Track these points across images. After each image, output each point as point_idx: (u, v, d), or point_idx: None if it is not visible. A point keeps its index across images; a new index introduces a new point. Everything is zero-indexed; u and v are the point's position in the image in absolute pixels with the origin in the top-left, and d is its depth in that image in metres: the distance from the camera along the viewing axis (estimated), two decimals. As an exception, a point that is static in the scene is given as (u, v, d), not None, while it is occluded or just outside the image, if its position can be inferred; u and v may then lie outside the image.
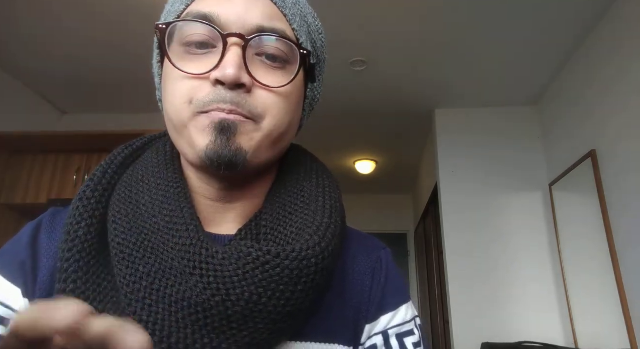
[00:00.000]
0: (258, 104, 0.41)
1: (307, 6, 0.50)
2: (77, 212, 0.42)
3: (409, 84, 2.88)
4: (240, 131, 0.40)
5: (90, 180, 0.46)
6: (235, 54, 0.39)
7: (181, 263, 0.38)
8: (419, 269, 4.90)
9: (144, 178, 0.45)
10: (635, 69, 1.90)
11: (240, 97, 0.40)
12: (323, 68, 0.53)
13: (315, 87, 0.52)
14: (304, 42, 0.45)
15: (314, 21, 0.50)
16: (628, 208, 1.92)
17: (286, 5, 0.45)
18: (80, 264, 0.39)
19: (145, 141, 0.53)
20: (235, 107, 0.39)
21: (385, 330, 0.48)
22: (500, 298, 2.67)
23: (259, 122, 0.41)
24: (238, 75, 0.39)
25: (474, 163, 2.98)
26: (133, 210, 0.42)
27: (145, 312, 0.37)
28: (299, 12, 0.46)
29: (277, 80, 0.41)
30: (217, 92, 0.39)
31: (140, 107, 3.19)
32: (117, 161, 0.48)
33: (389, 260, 0.53)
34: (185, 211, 0.42)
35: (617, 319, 1.94)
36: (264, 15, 0.42)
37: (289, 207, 0.45)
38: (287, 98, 0.43)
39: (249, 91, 0.40)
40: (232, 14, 0.41)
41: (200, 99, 0.40)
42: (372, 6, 2.14)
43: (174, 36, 0.42)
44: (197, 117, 0.40)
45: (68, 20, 2.27)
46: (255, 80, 0.40)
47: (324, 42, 0.52)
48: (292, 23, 0.44)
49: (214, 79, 0.39)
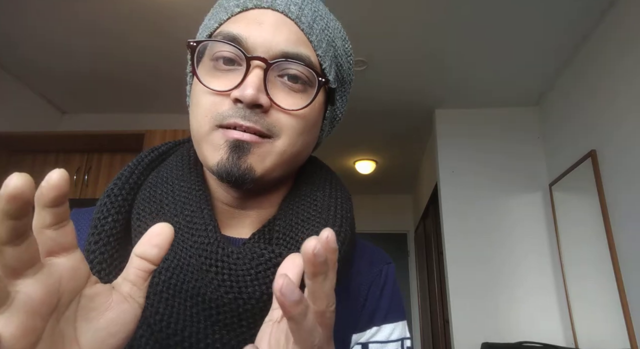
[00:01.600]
0: (275, 124, 0.43)
1: (337, 29, 0.51)
2: (105, 207, 0.45)
3: (409, 84, 2.88)
4: (253, 152, 0.42)
5: (118, 179, 0.48)
6: (256, 76, 0.41)
7: (198, 260, 0.40)
8: (419, 270, 4.90)
9: (168, 180, 0.48)
10: (636, 69, 1.90)
11: (257, 116, 0.42)
12: (348, 89, 0.55)
13: (338, 107, 0.54)
14: (327, 67, 0.47)
15: (343, 44, 0.52)
16: (628, 208, 1.92)
17: (313, 32, 0.46)
18: (105, 256, 0.42)
19: (171, 145, 0.56)
20: (253, 124, 0.41)
21: (367, 343, 0.49)
22: (500, 298, 2.67)
23: (275, 140, 0.43)
24: (256, 96, 0.41)
25: (474, 163, 2.98)
26: (157, 209, 0.45)
27: (162, 305, 0.40)
28: (325, 38, 0.48)
29: (295, 102, 0.43)
30: (235, 109, 0.42)
31: (140, 107, 3.20)
32: (143, 162, 0.51)
33: (390, 275, 0.54)
34: (205, 212, 0.44)
35: (617, 319, 1.94)
36: (289, 41, 0.44)
37: (302, 215, 0.47)
38: (302, 119, 0.44)
39: (266, 111, 0.42)
40: (259, 38, 0.43)
41: (220, 113, 0.42)
42: (372, 6, 2.14)
43: (206, 50, 0.46)
44: (215, 132, 0.43)
45: (68, 20, 2.27)
46: (273, 102, 0.42)
47: (351, 64, 0.54)
48: (317, 49, 0.46)
49: (234, 97, 0.42)
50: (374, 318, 0.50)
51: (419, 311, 4.91)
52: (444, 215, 2.92)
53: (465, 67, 2.66)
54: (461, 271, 2.77)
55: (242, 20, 0.44)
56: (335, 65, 0.50)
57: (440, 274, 3.35)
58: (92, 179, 2.70)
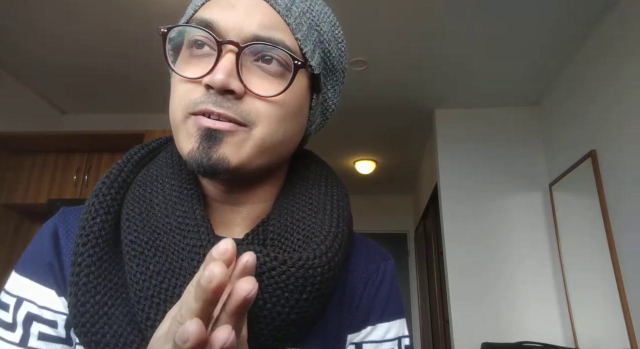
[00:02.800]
0: (251, 111, 0.41)
1: (323, 13, 0.49)
2: (93, 208, 0.43)
3: (409, 84, 2.88)
4: (226, 140, 0.40)
5: (107, 177, 0.46)
6: (228, 60, 0.39)
7: (190, 264, 0.39)
8: (419, 269, 4.90)
9: (158, 178, 0.47)
10: (635, 69, 1.90)
11: (230, 103, 0.40)
12: (340, 78, 0.52)
13: (330, 97, 0.52)
14: (309, 51, 0.45)
15: (332, 29, 0.49)
16: (628, 208, 1.92)
17: (291, 14, 0.44)
18: (94, 259, 0.40)
19: (161, 142, 0.54)
20: (225, 111, 0.39)
21: (361, 343, 0.48)
22: (500, 298, 2.67)
23: (252, 128, 0.41)
24: (226, 81, 0.39)
25: (474, 163, 2.98)
26: (147, 209, 0.44)
27: (154, 310, 0.38)
28: (307, 21, 0.45)
29: (272, 88, 0.41)
30: (207, 95, 0.40)
31: (140, 107, 3.20)
32: (133, 160, 0.50)
33: (388, 272, 0.52)
34: (197, 213, 0.43)
35: (617, 319, 1.94)
36: (263, 24, 0.42)
37: (297, 215, 0.45)
38: (281, 106, 0.42)
39: (240, 98, 0.40)
40: (230, 21, 0.41)
41: (192, 100, 0.41)
42: (372, 6, 2.14)
43: (184, 39, 0.44)
44: (187, 120, 0.41)
45: (68, 20, 2.27)
46: (246, 88, 0.40)
47: (343, 51, 0.51)
48: (296, 32, 0.44)
49: (204, 83, 0.40)
50: (369, 317, 0.48)
51: (419, 311, 4.91)
52: (444, 215, 2.92)
53: (465, 67, 2.65)
54: (461, 271, 2.77)
55: (215, 5, 0.43)
56: (321, 51, 0.47)
57: (440, 274, 3.35)
58: (92, 179, 2.70)
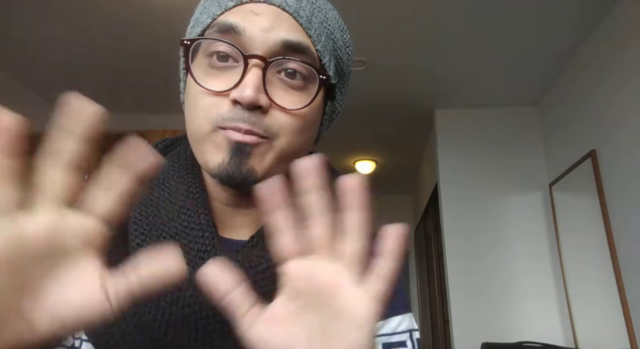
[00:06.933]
0: (273, 124, 0.42)
1: (336, 20, 0.49)
2: None
3: (409, 84, 2.88)
4: (253, 153, 0.41)
5: None
6: (255, 76, 0.40)
7: (195, 268, 0.39)
8: (419, 270, 4.90)
9: (165, 181, 0.47)
10: (635, 69, 1.90)
11: (256, 118, 0.40)
12: (347, 81, 0.53)
13: (337, 101, 0.52)
14: (327, 62, 0.45)
15: (342, 35, 0.50)
16: (628, 208, 1.92)
17: (312, 26, 0.44)
18: None
19: (167, 143, 0.54)
20: (251, 127, 0.40)
21: None
22: (500, 298, 2.67)
23: (273, 140, 0.42)
24: (256, 97, 0.39)
25: (474, 163, 2.98)
26: (153, 212, 0.44)
27: (160, 313, 0.39)
28: (325, 31, 0.46)
29: (294, 101, 0.42)
30: (235, 111, 0.40)
31: (140, 107, 3.20)
32: None
33: None
34: (202, 217, 0.43)
35: (617, 319, 1.94)
36: (290, 30, 0.42)
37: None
38: (302, 118, 0.43)
39: (266, 112, 0.41)
40: (256, 29, 0.41)
41: (220, 114, 0.41)
42: (372, 6, 2.14)
43: (200, 47, 0.44)
44: (215, 133, 0.41)
45: (68, 20, 2.27)
46: (272, 102, 0.41)
47: (350, 55, 0.52)
48: (317, 44, 0.44)
49: (232, 98, 0.40)
50: None
51: (419, 311, 4.91)
52: (444, 215, 2.92)
53: (465, 68, 2.65)
54: (461, 271, 2.77)
55: (238, 13, 0.42)
56: (335, 59, 0.48)
57: (440, 274, 3.35)
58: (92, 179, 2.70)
